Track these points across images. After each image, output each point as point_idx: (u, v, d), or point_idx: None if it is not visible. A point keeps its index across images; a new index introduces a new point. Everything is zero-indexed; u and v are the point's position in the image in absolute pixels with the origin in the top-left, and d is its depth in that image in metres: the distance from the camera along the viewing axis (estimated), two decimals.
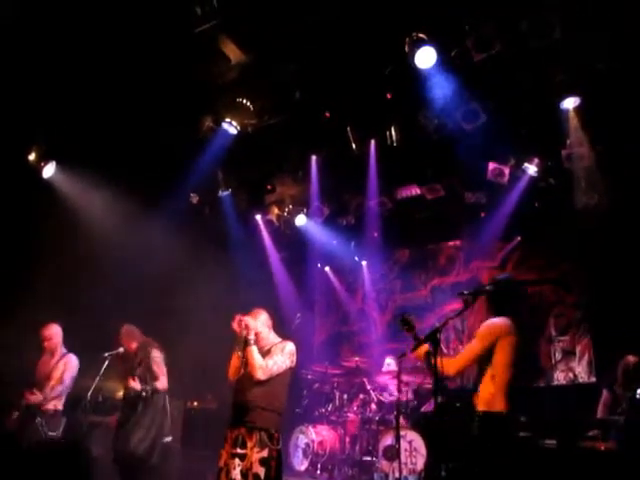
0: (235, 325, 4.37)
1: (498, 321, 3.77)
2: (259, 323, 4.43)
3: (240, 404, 4.28)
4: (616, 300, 7.08)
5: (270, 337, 4.51)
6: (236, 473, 4.07)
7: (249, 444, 4.15)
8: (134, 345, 5.88)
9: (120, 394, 5.77)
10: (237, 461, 4.12)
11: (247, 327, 4.33)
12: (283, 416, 4.40)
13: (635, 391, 5.34)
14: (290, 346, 4.44)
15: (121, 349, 5.82)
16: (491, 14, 5.41)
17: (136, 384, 5.55)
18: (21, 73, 5.99)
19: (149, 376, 5.66)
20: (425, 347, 3.79)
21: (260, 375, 4.22)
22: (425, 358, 3.83)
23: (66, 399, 6.01)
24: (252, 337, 4.31)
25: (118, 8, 5.45)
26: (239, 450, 4.15)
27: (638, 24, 5.15)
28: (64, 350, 6.11)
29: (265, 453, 4.10)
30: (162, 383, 5.70)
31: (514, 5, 5.30)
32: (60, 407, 5.92)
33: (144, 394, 5.57)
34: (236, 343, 4.40)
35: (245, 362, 4.31)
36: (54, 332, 6.08)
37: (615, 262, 7.18)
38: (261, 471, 4.04)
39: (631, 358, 5.65)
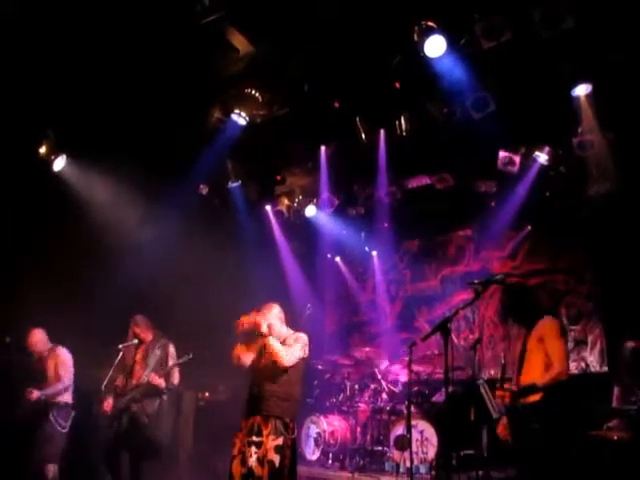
0: (238, 326, 4.42)
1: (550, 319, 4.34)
2: (272, 316, 4.49)
3: (257, 394, 4.34)
4: (628, 289, 7.03)
5: (282, 330, 4.56)
6: (253, 460, 4.13)
7: (264, 432, 4.20)
8: (150, 336, 5.90)
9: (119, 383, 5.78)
10: (253, 449, 4.18)
11: (256, 323, 4.37)
12: (299, 405, 4.45)
13: None
14: (303, 337, 4.50)
15: (136, 340, 5.86)
16: (501, 2, 5.35)
17: (161, 381, 5.60)
18: (31, 67, 6.01)
19: (164, 370, 5.70)
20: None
21: (285, 361, 4.28)
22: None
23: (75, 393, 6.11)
24: (265, 329, 4.35)
25: (125, 0, 5.45)
26: (255, 438, 4.21)
27: None
28: (49, 346, 6.14)
29: (280, 441, 4.16)
30: (176, 378, 5.81)
31: None
32: (70, 401, 6.04)
33: (165, 391, 5.67)
34: (240, 335, 4.47)
35: (265, 353, 4.37)
36: (38, 339, 6.12)
37: (627, 251, 7.12)
38: (276, 459, 4.10)
39: (629, 344, 5.58)
